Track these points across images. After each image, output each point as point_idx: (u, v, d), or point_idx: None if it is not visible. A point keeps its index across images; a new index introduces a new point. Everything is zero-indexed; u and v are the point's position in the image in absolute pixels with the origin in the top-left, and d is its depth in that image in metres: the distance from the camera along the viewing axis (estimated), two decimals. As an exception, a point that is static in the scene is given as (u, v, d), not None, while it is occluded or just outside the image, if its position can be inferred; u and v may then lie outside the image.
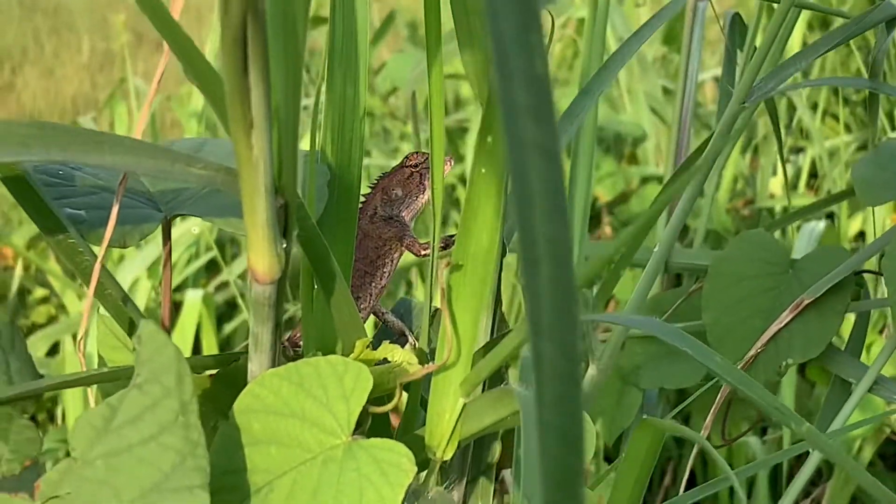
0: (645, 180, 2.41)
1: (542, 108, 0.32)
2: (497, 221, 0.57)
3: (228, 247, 2.30)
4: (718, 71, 2.54)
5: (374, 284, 0.72)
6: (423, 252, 0.72)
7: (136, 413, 0.53)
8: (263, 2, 0.45)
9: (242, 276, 2.13)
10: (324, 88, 0.64)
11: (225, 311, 2.21)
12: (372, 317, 0.75)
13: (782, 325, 0.94)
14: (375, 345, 0.66)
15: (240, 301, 1.96)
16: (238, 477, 0.57)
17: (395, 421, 0.72)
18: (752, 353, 0.96)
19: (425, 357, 0.69)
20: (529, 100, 0.32)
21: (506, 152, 0.32)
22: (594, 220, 2.39)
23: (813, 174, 2.50)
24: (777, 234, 2.23)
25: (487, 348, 0.61)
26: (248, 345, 0.61)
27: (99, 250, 0.58)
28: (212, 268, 2.33)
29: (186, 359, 0.56)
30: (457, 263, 0.59)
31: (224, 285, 2.20)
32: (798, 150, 2.63)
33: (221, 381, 0.62)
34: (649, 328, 0.59)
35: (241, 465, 0.57)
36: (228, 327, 2.17)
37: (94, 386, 0.65)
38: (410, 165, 0.74)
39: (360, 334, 0.64)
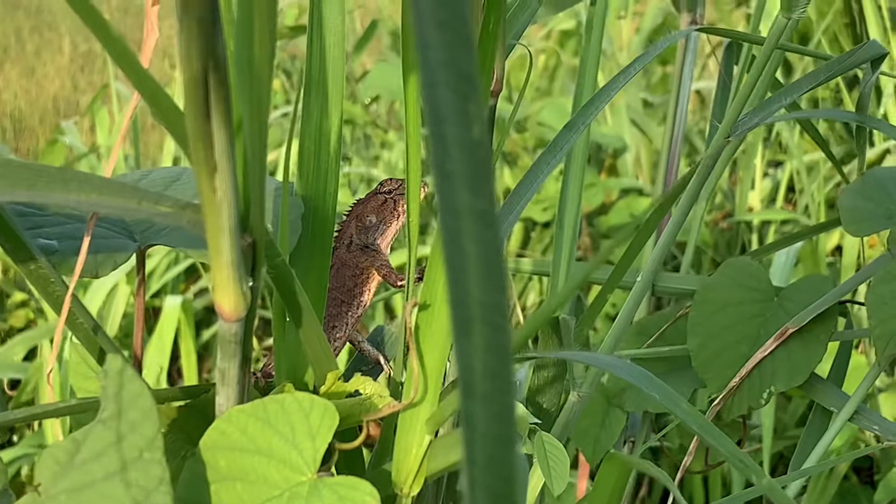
0: (625, 192, 2.40)
1: (478, 174, 0.32)
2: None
3: None
4: (701, 84, 2.53)
5: (350, 314, 0.72)
6: (398, 283, 0.71)
7: (101, 448, 0.53)
8: (224, 49, 0.45)
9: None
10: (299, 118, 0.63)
11: (204, 317, 2.20)
12: (348, 344, 0.75)
13: (767, 352, 0.93)
14: (348, 375, 0.66)
15: None
16: (204, 512, 0.56)
17: (368, 453, 0.72)
18: (736, 380, 0.96)
19: (398, 389, 0.69)
20: (465, 167, 0.31)
21: (439, 217, 0.31)
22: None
23: (791, 188, 2.48)
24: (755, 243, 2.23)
25: (455, 386, 0.60)
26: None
27: (70, 280, 0.58)
28: (191, 273, 2.32)
29: (155, 391, 0.56)
30: (424, 303, 0.58)
31: (203, 291, 2.18)
32: (776, 164, 2.62)
33: (192, 411, 0.62)
34: (620, 371, 0.59)
35: (208, 502, 0.56)
36: (207, 333, 2.15)
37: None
38: (384, 192, 0.74)
39: (331, 366, 0.63)
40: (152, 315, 2.25)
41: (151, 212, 0.52)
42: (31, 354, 2.13)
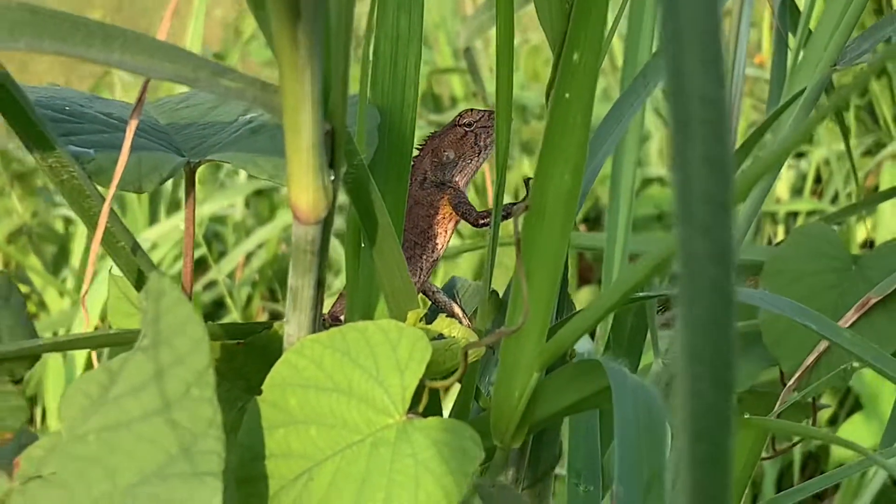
0: (647, 182, 2.25)
1: None
2: (582, 158, 0.43)
3: (215, 244, 2.13)
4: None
5: (425, 258, 0.59)
6: (481, 222, 0.58)
7: (140, 382, 0.40)
8: None
9: (231, 275, 1.96)
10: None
11: (212, 312, 2.03)
12: (421, 295, 0.61)
13: (847, 325, 0.78)
14: (429, 320, 0.52)
15: (228, 301, 1.79)
16: (270, 463, 0.42)
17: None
18: (812, 356, 0.81)
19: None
20: None
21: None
22: (595, 222, 2.23)
23: (817, 179, 2.33)
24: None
25: (564, 318, 0.46)
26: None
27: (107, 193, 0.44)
28: (199, 265, 2.16)
29: (206, 324, 0.42)
30: (535, 208, 0.44)
31: (212, 284, 2.02)
32: (801, 155, 2.47)
33: (251, 351, 0.48)
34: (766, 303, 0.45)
35: (275, 450, 0.43)
36: None
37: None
38: (464, 124, 0.60)
39: (413, 304, 0.50)
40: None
41: (211, 83, 0.38)
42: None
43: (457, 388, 0.56)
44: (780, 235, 2.11)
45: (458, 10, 2.72)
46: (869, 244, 2.00)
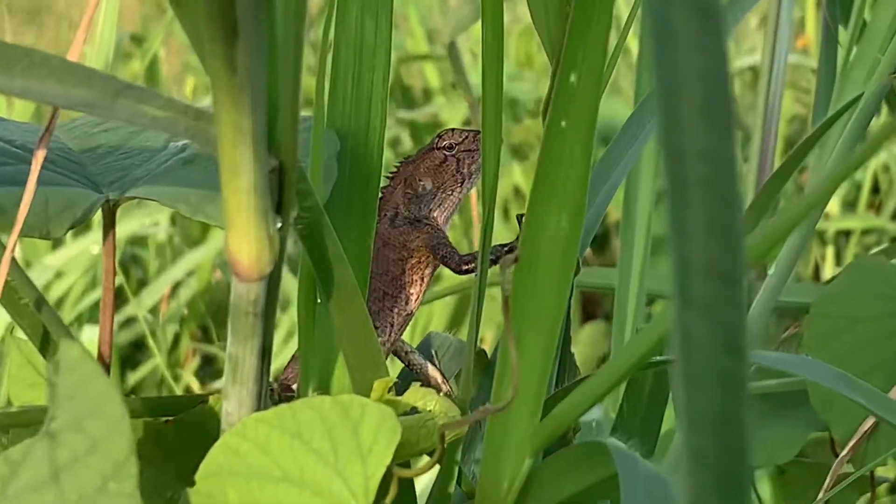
0: (662, 195, 2.25)
1: None
2: (582, 199, 0.44)
3: (134, 270, 2.10)
4: (752, 59, 2.36)
5: (396, 311, 0.59)
6: (464, 267, 0.59)
7: (47, 474, 0.40)
8: None
9: (154, 310, 1.93)
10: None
11: (130, 355, 2.01)
12: (392, 357, 0.61)
13: (912, 383, 0.79)
14: (399, 391, 0.52)
15: (150, 342, 1.76)
16: (204, 571, 0.42)
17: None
18: (870, 421, 0.81)
19: (467, 412, 0.55)
20: None
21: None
22: (602, 239, 2.22)
23: (875, 189, 2.32)
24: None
25: (563, 388, 0.46)
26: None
27: (8, 239, 0.44)
28: (116, 299, 2.13)
29: (129, 400, 0.42)
30: (524, 263, 0.44)
31: (130, 321, 1.99)
32: None
33: (181, 430, 0.48)
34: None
35: None
36: (134, 377, 1.96)
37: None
38: (443, 147, 0.61)
39: (380, 372, 0.50)
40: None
41: (133, 112, 0.39)
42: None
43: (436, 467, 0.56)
44: (830, 259, 2.11)
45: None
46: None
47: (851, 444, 0.82)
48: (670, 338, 0.25)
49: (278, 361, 1.82)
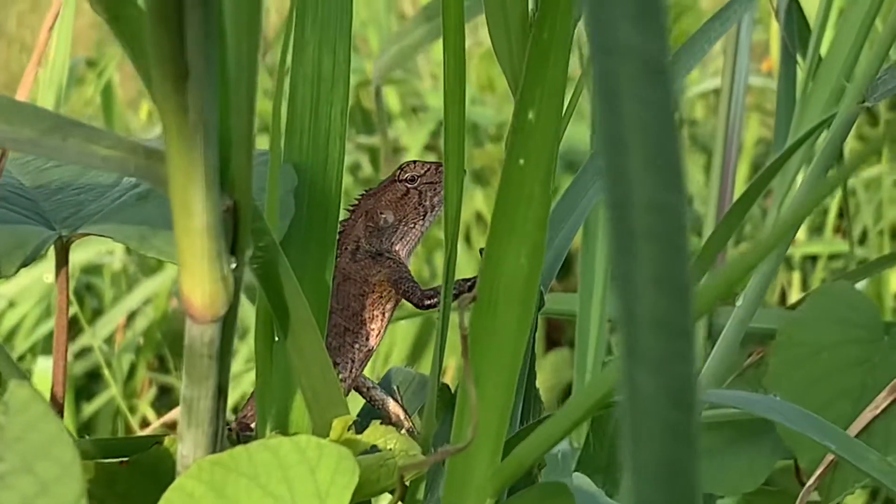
0: None
1: None
2: (541, 238, 0.43)
3: (89, 299, 2.08)
4: (711, 83, 2.36)
5: (357, 347, 0.59)
6: (426, 302, 0.58)
7: None
8: None
9: (109, 340, 1.91)
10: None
11: (85, 385, 1.98)
12: (353, 393, 0.61)
13: (878, 410, 0.80)
14: (359, 429, 0.52)
15: (105, 372, 1.74)
16: None
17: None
18: (836, 448, 0.82)
19: (430, 450, 0.54)
20: None
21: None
22: (566, 265, 2.20)
23: (842, 213, 2.32)
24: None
25: (525, 427, 0.46)
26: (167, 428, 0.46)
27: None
28: (70, 329, 2.10)
29: (80, 441, 0.41)
30: (483, 301, 0.44)
31: (85, 352, 1.97)
32: None
33: (135, 472, 0.48)
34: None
35: None
36: (89, 408, 1.93)
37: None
38: (405, 179, 0.60)
39: (339, 410, 0.50)
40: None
41: (82, 152, 0.38)
42: None
43: None
44: (796, 285, 2.11)
45: (391, 4, 2.70)
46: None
47: (818, 472, 0.82)
48: (617, 390, 0.24)
49: (236, 393, 1.81)
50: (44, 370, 1.75)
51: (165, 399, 1.97)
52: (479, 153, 2.39)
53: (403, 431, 0.57)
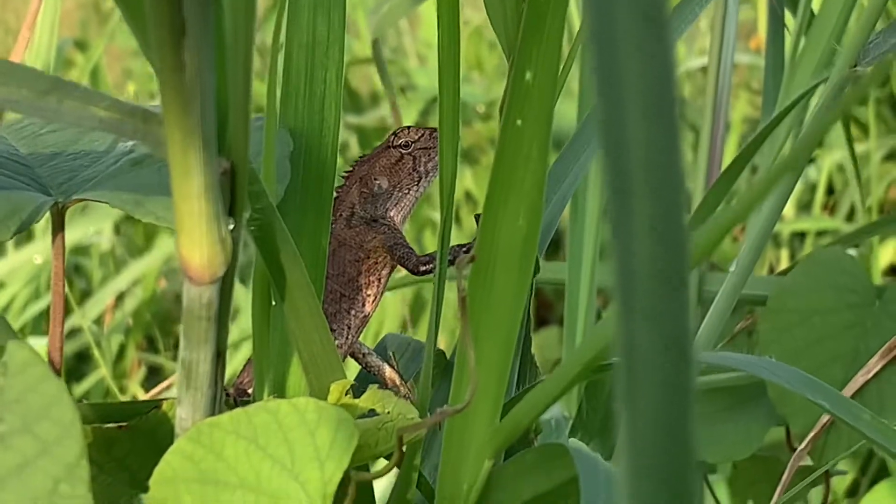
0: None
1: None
2: (539, 198, 0.44)
3: (77, 280, 2.07)
4: (702, 61, 2.36)
5: (353, 313, 0.59)
6: (422, 268, 0.58)
7: None
8: None
9: (98, 321, 1.91)
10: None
11: (74, 366, 1.98)
12: (349, 359, 0.61)
13: (870, 374, 0.80)
14: (356, 394, 0.52)
15: (95, 353, 1.73)
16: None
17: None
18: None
19: (426, 415, 0.55)
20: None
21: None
22: (555, 244, 2.21)
23: (830, 190, 2.32)
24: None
25: (524, 389, 0.46)
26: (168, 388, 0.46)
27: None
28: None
29: (79, 405, 0.42)
30: (481, 262, 0.44)
31: (75, 332, 1.96)
32: (809, 160, 2.45)
33: (134, 437, 0.48)
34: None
35: None
36: (79, 389, 1.93)
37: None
38: (399, 145, 0.61)
39: (336, 374, 0.50)
40: None
41: (79, 114, 0.38)
42: None
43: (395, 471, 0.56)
44: (784, 261, 2.12)
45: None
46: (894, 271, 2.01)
47: (809, 437, 0.82)
48: (614, 344, 0.25)
49: (229, 370, 1.80)
50: (35, 348, 1.74)
51: (155, 379, 1.97)
52: (468, 132, 2.39)
53: (400, 396, 0.57)
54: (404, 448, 0.51)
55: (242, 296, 1.98)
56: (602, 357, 0.41)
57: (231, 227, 0.42)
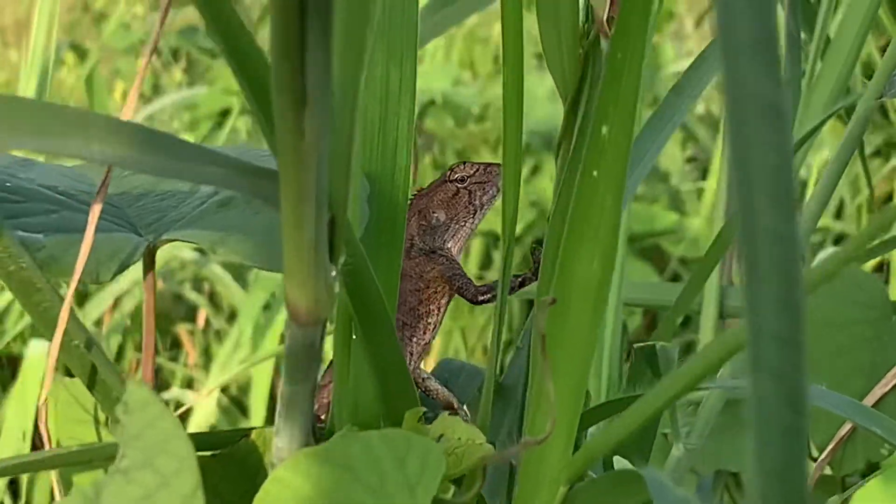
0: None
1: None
2: (613, 243, 0.47)
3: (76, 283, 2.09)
4: (683, 64, 2.39)
5: (415, 341, 0.62)
6: (480, 298, 0.61)
7: None
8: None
9: (98, 323, 1.93)
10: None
11: None
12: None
13: (888, 387, 0.84)
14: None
15: None
16: None
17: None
18: (848, 426, 0.86)
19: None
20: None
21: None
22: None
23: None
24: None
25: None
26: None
27: (67, 287, 0.46)
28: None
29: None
30: (555, 301, 0.48)
31: None
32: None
33: (226, 465, 0.51)
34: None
35: None
36: None
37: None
38: (455, 180, 0.64)
39: (411, 402, 0.53)
40: (6, 365, 2.03)
41: (197, 172, 0.42)
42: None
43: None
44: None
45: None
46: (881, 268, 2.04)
47: (830, 447, 0.86)
48: (745, 400, 0.29)
49: (229, 374, 1.83)
50: (37, 353, 1.77)
51: (154, 379, 1.99)
52: (463, 133, 2.41)
53: (467, 422, 0.61)
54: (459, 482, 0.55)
55: (242, 297, 2.01)
56: (679, 396, 0.45)
57: (333, 273, 0.45)
